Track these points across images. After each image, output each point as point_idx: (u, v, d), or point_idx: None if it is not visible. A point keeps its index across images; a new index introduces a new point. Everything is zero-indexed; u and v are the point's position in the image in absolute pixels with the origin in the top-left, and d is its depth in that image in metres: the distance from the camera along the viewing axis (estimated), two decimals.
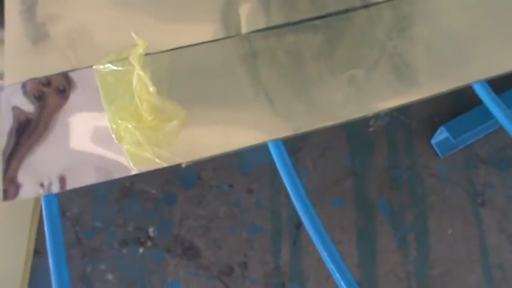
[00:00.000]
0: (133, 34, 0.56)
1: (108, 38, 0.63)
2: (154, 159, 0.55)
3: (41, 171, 0.57)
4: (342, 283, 0.51)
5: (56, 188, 0.56)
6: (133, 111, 0.56)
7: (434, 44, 0.62)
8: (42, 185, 0.56)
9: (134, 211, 0.77)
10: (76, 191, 0.77)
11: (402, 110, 0.81)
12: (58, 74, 0.61)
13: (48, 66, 0.62)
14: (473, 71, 0.60)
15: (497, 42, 0.61)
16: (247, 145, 0.57)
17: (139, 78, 0.56)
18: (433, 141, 0.80)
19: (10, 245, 0.73)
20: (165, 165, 0.55)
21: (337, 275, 0.52)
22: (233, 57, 0.61)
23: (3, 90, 0.61)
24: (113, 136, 0.56)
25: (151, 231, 0.76)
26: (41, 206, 0.55)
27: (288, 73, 0.61)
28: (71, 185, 0.56)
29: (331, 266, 0.52)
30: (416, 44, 0.62)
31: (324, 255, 0.53)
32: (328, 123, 0.58)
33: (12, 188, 0.56)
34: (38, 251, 0.73)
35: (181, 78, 0.60)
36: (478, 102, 0.79)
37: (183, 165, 0.56)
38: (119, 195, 0.77)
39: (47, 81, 0.60)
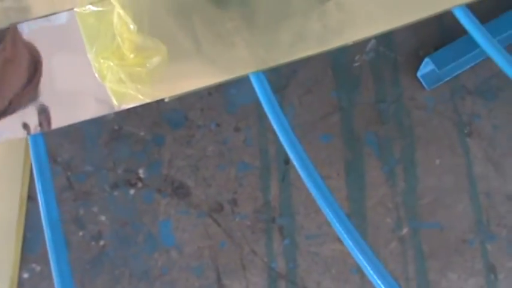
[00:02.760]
0: None
1: None
2: (138, 95, 0.55)
3: (26, 111, 0.57)
4: (331, 216, 0.52)
5: (42, 128, 0.56)
6: (115, 50, 0.56)
7: None
8: (27, 125, 0.56)
9: (123, 154, 0.77)
10: (66, 137, 0.78)
11: (387, 43, 0.81)
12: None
13: (29, 10, 0.62)
14: None
15: None
16: (229, 78, 0.57)
17: (120, 17, 0.56)
18: (418, 74, 0.80)
19: (4, 191, 0.74)
20: (148, 100, 0.56)
21: (326, 209, 0.52)
22: None
23: None
24: (96, 75, 0.57)
25: (141, 172, 0.77)
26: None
27: (268, 6, 0.60)
28: (56, 124, 0.57)
29: (320, 200, 0.53)
30: None
31: (313, 189, 0.53)
32: (309, 52, 0.58)
33: None
34: (32, 197, 0.74)
35: (161, 15, 0.60)
36: (463, 35, 0.79)
37: (166, 100, 0.56)
38: (108, 138, 0.78)
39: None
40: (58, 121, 0.57)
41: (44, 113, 0.57)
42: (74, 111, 0.57)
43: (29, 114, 0.57)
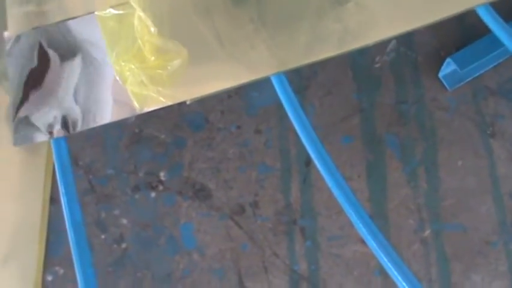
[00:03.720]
0: None
1: None
2: (159, 98, 0.56)
3: (49, 115, 0.57)
4: (354, 217, 0.52)
5: (65, 131, 0.57)
6: (136, 52, 0.57)
7: None
8: (51, 129, 0.57)
9: (144, 157, 0.78)
10: (87, 141, 0.79)
11: (408, 44, 0.81)
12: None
13: (50, 14, 0.63)
14: None
15: None
16: (250, 80, 0.57)
17: (141, 19, 0.56)
18: (440, 74, 0.79)
19: (26, 194, 0.74)
20: (170, 103, 0.56)
21: (349, 210, 0.52)
22: None
23: (8, 41, 0.62)
24: (117, 78, 0.57)
25: (162, 175, 0.77)
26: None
27: (289, 8, 0.60)
28: (78, 127, 0.57)
29: (342, 202, 0.53)
30: None
31: (335, 190, 0.53)
32: (330, 53, 0.58)
33: (22, 133, 0.57)
34: (54, 199, 0.74)
35: (182, 18, 0.60)
36: (485, 35, 0.79)
37: (188, 103, 0.56)
38: (128, 142, 0.78)
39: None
40: (81, 125, 0.57)
41: (66, 117, 0.57)
42: (96, 114, 0.57)
43: (52, 118, 0.58)
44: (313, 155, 0.54)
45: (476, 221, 0.75)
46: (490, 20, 0.59)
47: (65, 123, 0.57)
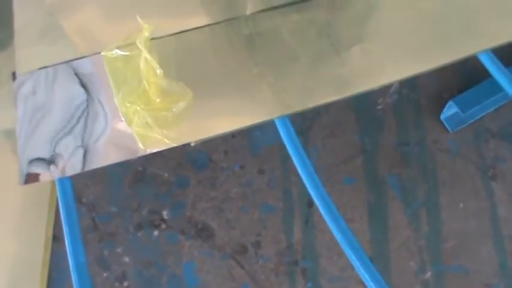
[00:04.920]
0: (138, 19, 0.57)
1: (114, 24, 0.64)
2: (164, 139, 0.56)
3: (55, 155, 0.58)
4: (355, 260, 0.52)
5: (69, 171, 0.57)
6: (141, 94, 0.57)
7: (438, 15, 0.62)
8: (56, 168, 0.57)
9: (148, 195, 0.78)
10: (91, 178, 0.79)
11: (410, 86, 0.81)
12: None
13: (58, 54, 0.64)
14: (477, 41, 0.60)
15: (498, 13, 0.62)
16: (254, 122, 0.58)
17: (147, 61, 0.57)
18: (442, 117, 0.80)
19: (29, 231, 0.75)
20: (174, 145, 0.57)
21: (350, 253, 0.53)
22: (238, 38, 0.62)
23: (16, 79, 0.63)
24: (123, 119, 0.58)
25: (165, 214, 0.77)
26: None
27: (293, 52, 0.61)
28: (85, 167, 0.58)
29: (343, 244, 0.53)
30: (419, 16, 0.62)
31: (336, 233, 0.54)
32: (335, 98, 0.59)
33: (28, 172, 0.58)
34: (57, 237, 0.75)
35: (187, 60, 0.61)
36: (487, 78, 0.80)
37: (192, 145, 0.57)
38: (132, 180, 0.79)
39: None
40: (86, 165, 0.58)
41: (72, 157, 0.58)
42: (101, 155, 0.58)
43: (58, 157, 0.58)
44: (315, 198, 0.55)
45: (477, 263, 0.75)
46: (491, 65, 0.60)
47: (71, 163, 0.58)
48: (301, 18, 0.63)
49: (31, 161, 0.58)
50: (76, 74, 0.62)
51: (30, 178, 0.58)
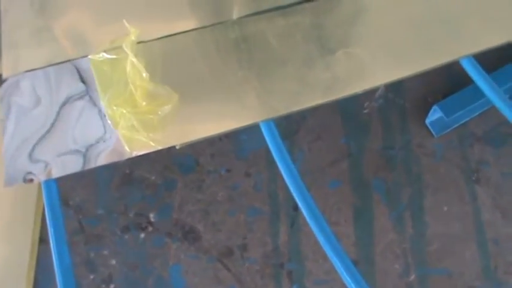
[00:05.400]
0: (125, 23, 0.57)
1: (102, 27, 0.64)
2: (149, 142, 0.57)
3: (41, 157, 0.58)
4: (338, 263, 0.53)
5: (55, 173, 0.58)
6: (127, 97, 0.58)
7: (423, 20, 0.63)
8: (42, 170, 0.57)
9: (135, 198, 0.78)
10: (78, 181, 0.79)
11: (396, 91, 0.82)
12: None
13: (45, 57, 0.64)
14: (459, 47, 0.61)
15: (481, 19, 0.62)
16: (239, 126, 0.58)
17: (133, 65, 0.57)
18: (427, 121, 0.80)
19: (16, 233, 0.75)
20: (160, 147, 0.57)
21: (333, 257, 0.53)
22: (224, 42, 0.63)
23: (3, 82, 0.63)
24: (109, 122, 0.58)
25: (151, 216, 0.78)
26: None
27: (279, 56, 0.62)
28: (69, 170, 0.58)
29: (327, 248, 0.53)
30: (404, 21, 0.63)
31: (320, 237, 0.54)
32: (319, 101, 0.59)
33: (13, 174, 0.58)
34: (44, 239, 0.75)
35: (173, 64, 0.62)
36: (471, 83, 0.80)
37: (177, 147, 0.57)
38: (119, 182, 0.79)
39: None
40: (71, 167, 0.58)
41: (58, 159, 0.58)
42: (87, 157, 0.58)
43: (44, 159, 0.58)
44: (299, 202, 0.55)
45: (461, 266, 0.75)
46: (473, 71, 0.60)
47: (56, 165, 0.58)
48: (287, 22, 0.63)
49: (16, 162, 0.58)
50: (63, 76, 0.62)
51: (15, 179, 0.58)
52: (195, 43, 0.63)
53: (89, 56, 0.61)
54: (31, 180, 0.57)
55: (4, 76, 0.63)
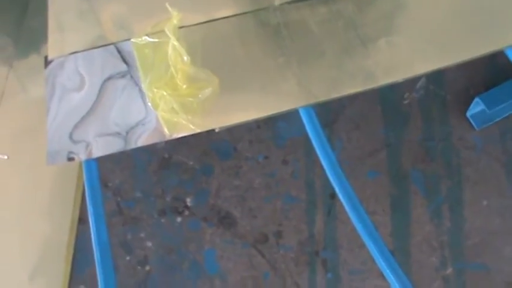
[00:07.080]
0: (168, 6, 0.58)
1: (144, 12, 0.65)
2: (189, 125, 0.57)
3: (83, 137, 0.59)
4: (376, 252, 0.52)
5: (96, 153, 0.58)
6: (168, 80, 0.58)
7: (465, 9, 0.62)
8: (83, 150, 0.58)
9: (172, 182, 0.79)
10: (117, 164, 0.80)
11: (437, 82, 0.81)
12: None
13: (90, 40, 0.65)
14: (503, 36, 0.60)
15: None
16: (279, 111, 0.58)
17: (174, 48, 0.58)
18: (468, 114, 0.79)
19: (56, 212, 0.76)
20: (199, 130, 0.57)
21: (371, 245, 0.53)
22: (265, 28, 0.63)
23: (48, 64, 0.64)
24: (149, 104, 0.59)
25: (188, 201, 0.78)
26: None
27: (319, 43, 0.62)
28: (109, 150, 0.59)
29: (364, 236, 0.53)
30: (446, 10, 0.62)
31: (358, 225, 0.54)
32: (359, 89, 0.59)
33: (55, 153, 0.59)
34: (83, 219, 0.76)
35: (214, 49, 0.62)
36: None
37: (217, 131, 0.58)
38: (157, 167, 0.80)
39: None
40: (112, 147, 0.59)
41: (100, 140, 0.59)
42: (127, 138, 0.59)
43: (86, 140, 0.59)
44: (337, 190, 0.55)
45: (499, 261, 0.74)
46: None
47: (97, 145, 0.58)
48: (329, 10, 0.63)
49: (58, 142, 0.59)
50: (107, 59, 0.63)
51: (57, 158, 0.59)
52: (236, 29, 0.63)
53: (132, 39, 0.61)
54: (72, 159, 0.58)
55: (50, 58, 0.64)
